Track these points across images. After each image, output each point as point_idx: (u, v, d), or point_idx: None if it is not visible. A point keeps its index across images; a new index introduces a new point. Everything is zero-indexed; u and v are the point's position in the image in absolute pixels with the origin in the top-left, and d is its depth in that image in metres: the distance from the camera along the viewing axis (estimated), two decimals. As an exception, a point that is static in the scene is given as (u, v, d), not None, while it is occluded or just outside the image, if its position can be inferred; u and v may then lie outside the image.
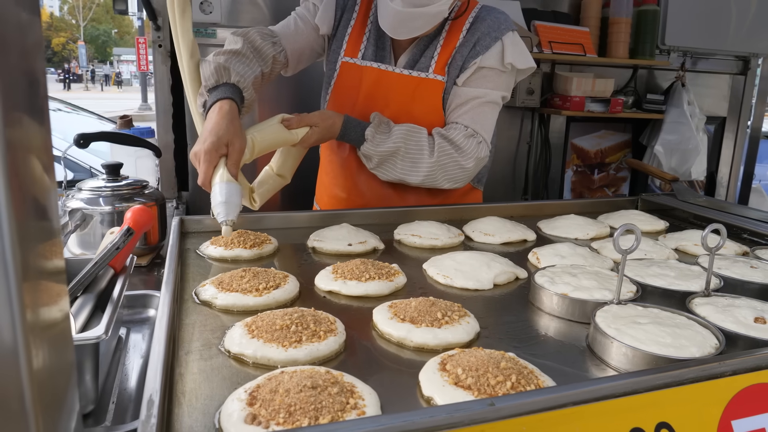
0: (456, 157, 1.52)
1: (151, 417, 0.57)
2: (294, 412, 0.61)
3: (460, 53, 1.54)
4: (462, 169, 1.54)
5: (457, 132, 1.53)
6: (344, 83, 1.63)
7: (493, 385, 0.68)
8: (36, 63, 0.41)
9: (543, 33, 2.80)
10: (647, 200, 1.77)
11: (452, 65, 1.55)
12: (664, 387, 0.68)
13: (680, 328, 0.82)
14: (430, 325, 0.85)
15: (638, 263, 1.14)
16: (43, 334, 0.46)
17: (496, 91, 1.56)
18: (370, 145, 1.50)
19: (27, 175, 0.41)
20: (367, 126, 1.50)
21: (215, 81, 1.38)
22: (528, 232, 1.44)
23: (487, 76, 1.55)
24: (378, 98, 1.58)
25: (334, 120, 1.49)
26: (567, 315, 0.96)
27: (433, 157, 1.50)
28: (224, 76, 1.38)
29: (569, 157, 3.29)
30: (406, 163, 1.51)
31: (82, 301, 1.01)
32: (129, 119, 2.05)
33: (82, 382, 0.84)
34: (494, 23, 1.53)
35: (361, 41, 1.61)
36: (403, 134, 1.49)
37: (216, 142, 1.23)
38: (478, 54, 1.52)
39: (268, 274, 1.02)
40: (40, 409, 0.43)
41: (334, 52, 1.65)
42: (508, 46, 1.53)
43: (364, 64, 1.59)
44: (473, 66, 1.53)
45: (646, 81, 3.27)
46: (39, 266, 0.45)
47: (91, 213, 1.49)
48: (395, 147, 1.49)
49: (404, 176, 1.54)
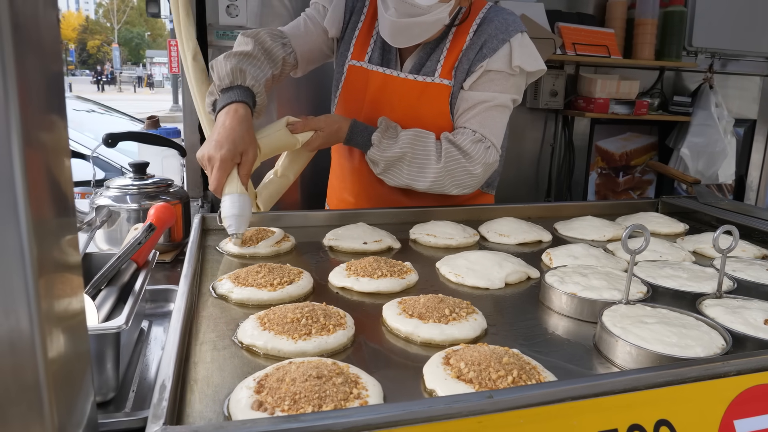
0: (464, 163, 1.49)
1: (163, 401, 0.60)
2: (299, 400, 0.63)
3: (467, 56, 1.51)
4: (470, 175, 1.51)
5: (465, 137, 1.49)
6: (351, 87, 1.63)
7: (494, 380, 0.69)
8: (54, 64, 0.44)
9: (567, 34, 2.79)
10: (668, 203, 1.76)
11: (459, 69, 1.52)
12: (665, 385, 0.68)
13: (687, 329, 0.82)
14: (438, 321, 0.87)
15: (651, 264, 1.14)
16: (59, 324, 0.49)
17: (504, 94, 1.53)
18: (377, 150, 1.48)
19: (44, 173, 0.45)
20: (374, 131, 1.49)
21: (230, 82, 1.38)
22: (544, 233, 1.45)
23: (494, 80, 1.52)
24: (384, 102, 1.58)
25: (340, 125, 1.49)
26: (576, 314, 0.97)
27: (441, 163, 1.47)
28: (239, 78, 1.38)
29: (593, 160, 3.26)
30: (413, 169, 1.49)
31: (106, 294, 1.06)
32: (156, 120, 2.11)
33: (103, 370, 0.87)
34: (502, 25, 1.50)
35: (368, 44, 1.60)
36: (410, 139, 1.47)
37: (233, 150, 1.23)
38: (485, 57, 1.49)
39: (283, 270, 1.05)
40: (54, 394, 0.47)
41: (342, 54, 1.65)
42: (516, 48, 1.49)
43: (370, 68, 1.59)
44: (480, 69, 1.50)
45: (673, 83, 3.23)
46: (57, 259, 0.49)
47: (118, 210, 1.55)
48: (402, 152, 1.47)
49: (411, 182, 1.51)
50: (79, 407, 0.55)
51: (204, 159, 1.27)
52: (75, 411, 0.53)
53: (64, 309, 0.51)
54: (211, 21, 2.37)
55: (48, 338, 0.46)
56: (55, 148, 0.46)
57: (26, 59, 0.39)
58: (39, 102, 0.42)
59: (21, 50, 0.38)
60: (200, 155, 1.29)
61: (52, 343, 0.46)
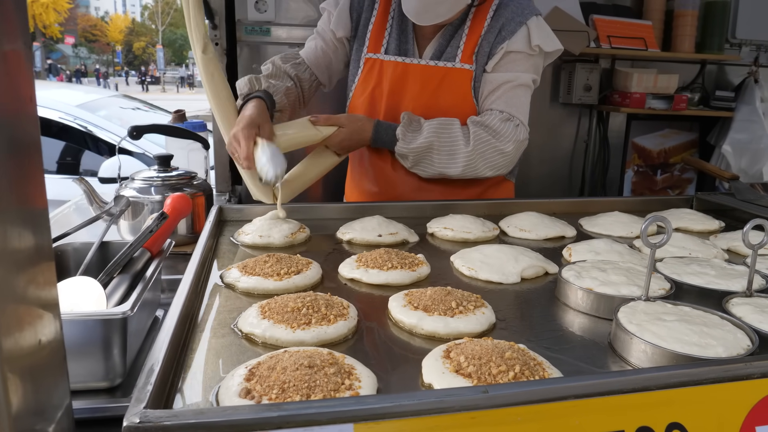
0: (494, 143, 1.51)
1: (148, 384, 0.59)
2: (287, 389, 0.61)
3: (487, 40, 1.54)
4: (502, 155, 1.52)
5: (493, 117, 1.52)
6: (368, 79, 1.64)
7: (495, 375, 0.66)
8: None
9: (601, 27, 2.70)
10: (703, 199, 1.67)
11: (480, 53, 1.54)
12: (679, 386, 0.64)
13: (709, 327, 0.77)
14: (443, 314, 0.84)
15: (677, 261, 1.08)
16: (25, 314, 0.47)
17: (526, 73, 1.55)
18: (403, 144, 1.50)
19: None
20: (397, 126, 1.52)
21: (248, 90, 1.52)
22: (567, 229, 1.39)
23: (516, 60, 1.54)
24: (403, 91, 1.59)
25: (363, 123, 1.53)
26: (592, 311, 0.92)
27: (470, 146, 1.49)
28: (256, 85, 1.53)
29: (629, 157, 3.15)
30: (443, 157, 1.51)
31: (118, 281, 1.06)
32: (182, 113, 2.14)
33: (110, 356, 0.87)
34: (518, 8, 1.53)
35: (383, 36, 1.62)
36: (434, 128, 1.49)
37: (249, 122, 1.33)
38: (504, 39, 1.52)
39: (291, 260, 1.03)
40: (14, 384, 0.45)
41: (357, 50, 1.67)
42: (533, 29, 1.52)
43: (387, 59, 1.60)
44: (501, 51, 1.53)
45: (715, 77, 3.09)
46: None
47: (142, 201, 1.57)
48: (428, 142, 1.49)
49: (443, 169, 1.53)
50: (48, 396, 0.54)
51: (230, 141, 1.37)
52: (41, 399, 0.52)
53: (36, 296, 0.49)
54: (240, 17, 2.39)
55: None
56: (24, 177, 0.45)
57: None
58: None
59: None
60: (228, 142, 1.39)
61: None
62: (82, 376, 0.86)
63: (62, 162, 4.13)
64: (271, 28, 2.43)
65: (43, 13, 26.73)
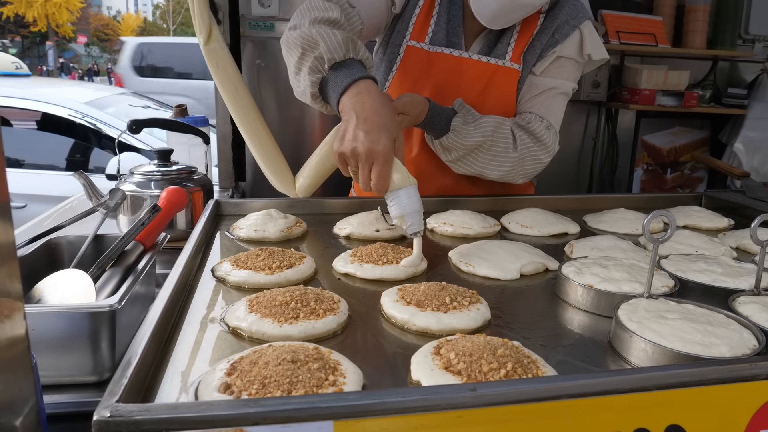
0: (535, 151, 1.43)
1: (123, 378, 0.57)
2: (268, 384, 0.59)
3: (539, 41, 1.44)
4: (539, 164, 1.45)
5: (537, 123, 1.43)
6: (410, 69, 1.51)
7: (485, 372, 0.63)
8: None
9: (610, 22, 2.66)
10: (712, 197, 1.63)
11: (529, 53, 1.45)
12: (680, 386, 0.60)
13: (714, 326, 0.74)
14: (436, 309, 0.81)
15: (683, 258, 1.04)
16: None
17: (570, 82, 1.49)
18: (456, 137, 1.36)
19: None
20: (452, 114, 1.37)
21: (343, 55, 1.16)
22: (571, 225, 1.36)
23: (564, 66, 1.47)
24: (450, 86, 1.48)
25: (423, 107, 1.32)
26: (592, 308, 0.89)
27: (517, 152, 1.40)
28: (352, 50, 1.17)
29: (639, 155, 3.10)
30: (488, 157, 1.40)
31: (109, 274, 1.05)
32: (184, 108, 2.12)
33: (97, 349, 0.86)
34: (572, 10, 1.44)
35: (429, 24, 1.49)
36: (492, 127, 1.38)
37: (390, 137, 1.05)
38: (557, 42, 1.44)
39: (284, 254, 1.01)
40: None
41: (398, 33, 1.50)
42: (586, 35, 1.45)
43: (433, 50, 1.48)
44: (552, 55, 1.45)
45: (727, 74, 3.04)
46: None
47: (142, 196, 1.56)
48: (483, 140, 1.37)
49: (483, 170, 1.43)
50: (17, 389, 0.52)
51: (355, 154, 1.06)
52: (9, 393, 0.50)
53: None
54: (243, 12, 2.37)
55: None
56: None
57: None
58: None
59: None
60: (347, 150, 1.07)
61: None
62: (70, 370, 0.84)
63: (71, 159, 4.15)
64: (275, 23, 2.42)
65: (56, 13, 26.95)
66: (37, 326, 0.81)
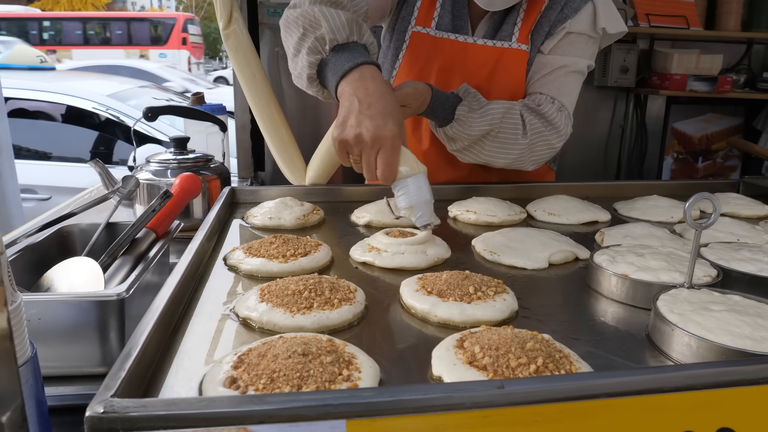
0: (546, 135, 1.34)
1: (121, 371, 0.53)
2: (276, 379, 0.55)
3: (547, 17, 1.35)
4: (550, 149, 1.36)
5: (547, 105, 1.34)
6: (416, 55, 1.45)
7: (513, 368, 0.58)
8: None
9: (640, 4, 2.56)
10: (750, 183, 1.54)
11: (537, 32, 1.37)
12: (731, 385, 0.54)
13: (764, 319, 0.67)
14: (459, 299, 0.76)
15: (725, 246, 0.97)
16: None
17: (583, 59, 1.38)
18: (460, 127, 1.28)
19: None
20: (456, 102, 1.29)
21: (346, 37, 1.09)
22: (601, 213, 1.29)
23: (575, 42, 1.37)
24: (456, 71, 1.42)
25: (425, 96, 1.24)
26: (628, 299, 0.83)
27: (527, 138, 1.31)
28: (356, 32, 1.11)
29: (669, 143, 3.00)
30: (495, 145, 1.32)
31: (120, 262, 1.02)
32: (201, 96, 2.09)
33: (106, 339, 0.83)
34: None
35: (434, 9, 1.43)
36: (500, 114, 1.29)
37: (397, 123, 0.99)
38: (567, 17, 1.34)
39: (299, 241, 0.97)
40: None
41: (403, 19, 1.45)
42: (600, 7, 1.34)
43: (438, 35, 1.42)
44: (561, 31, 1.35)
45: (763, 57, 2.91)
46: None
47: (158, 184, 1.54)
48: (490, 128, 1.29)
49: (491, 159, 1.35)
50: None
51: (359, 141, 0.98)
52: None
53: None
54: (261, -1, 2.34)
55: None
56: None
57: None
58: None
59: None
60: (350, 136, 0.98)
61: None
62: (77, 360, 0.81)
63: (95, 151, 4.20)
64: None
65: (82, 8, 27.37)
66: (44, 315, 0.78)
